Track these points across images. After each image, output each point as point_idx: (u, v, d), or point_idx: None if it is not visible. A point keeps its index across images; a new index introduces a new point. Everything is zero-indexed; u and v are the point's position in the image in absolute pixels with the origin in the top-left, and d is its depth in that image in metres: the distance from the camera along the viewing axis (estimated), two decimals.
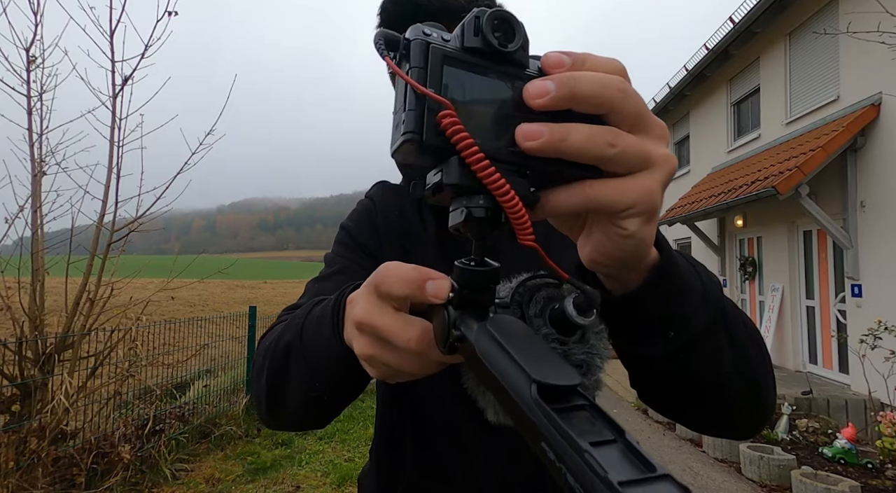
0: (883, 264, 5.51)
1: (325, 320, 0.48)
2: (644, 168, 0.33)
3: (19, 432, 3.06)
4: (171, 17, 3.75)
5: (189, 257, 4.27)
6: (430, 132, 0.30)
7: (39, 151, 3.64)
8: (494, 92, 0.32)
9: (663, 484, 0.21)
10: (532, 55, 0.34)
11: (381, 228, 0.78)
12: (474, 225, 0.32)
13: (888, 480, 3.76)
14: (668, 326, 0.42)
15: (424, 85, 0.30)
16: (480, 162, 0.29)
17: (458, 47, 0.32)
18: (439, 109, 0.30)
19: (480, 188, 0.30)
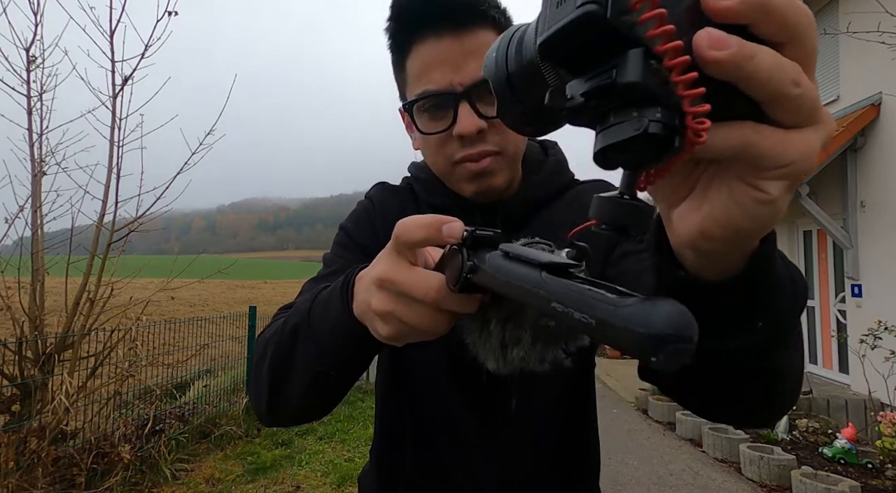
0: (883, 264, 5.51)
1: (333, 298, 0.49)
2: (812, 123, 0.28)
3: (19, 432, 3.06)
4: (171, 17, 3.75)
5: (189, 257, 4.27)
6: (617, 6, 0.23)
7: (39, 151, 3.64)
8: None
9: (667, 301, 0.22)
10: None
11: (379, 229, 0.76)
12: (647, 145, 0.25)
13: (888, 480, 3.76)
14: (758, 316, 0.37)
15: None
16: (680, 57, 0.23)
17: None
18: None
19: (662, 96, 0.24)
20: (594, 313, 0.24)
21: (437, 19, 0.63)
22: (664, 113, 0.24)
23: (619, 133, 0.25)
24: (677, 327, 0.22)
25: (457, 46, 0.63)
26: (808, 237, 7.20)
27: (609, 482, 3.92)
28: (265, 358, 0.56)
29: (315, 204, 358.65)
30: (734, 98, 0.26)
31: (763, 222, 0.30)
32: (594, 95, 0.25)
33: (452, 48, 0.64)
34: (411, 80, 0.68)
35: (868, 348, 4.64)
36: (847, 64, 6.21)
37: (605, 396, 6.82)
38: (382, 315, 0.41)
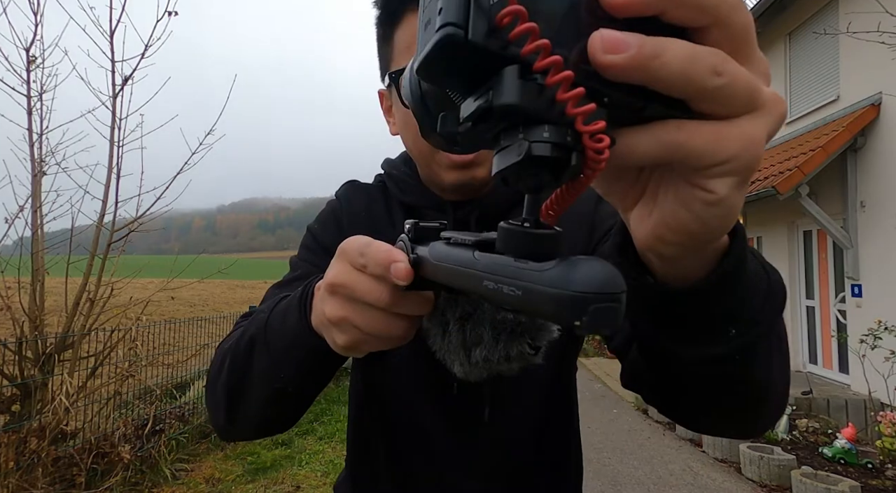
0: (883, 264, 5.51)
1: (291, 309, 0.48)
2: (750, 111, 0.24)
3: (19, 432, 3.06)
4: (171, 18, 3.75)
5: (189, 257, 4.27)
6: (479, 26, 0.20)
7: (39, 151, 3.64)
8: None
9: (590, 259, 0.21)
10: None
11: (345, 227, 0.74)
12: (536, 169, 0.22)
13: (888, 480, 3.76)
14: (730, 323, 0.35)
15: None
16: (561, 73, 0.20)
17: None
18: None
19: (548, 114, 0.21)
20: (519, 283, 0.22)
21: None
22: (553, 131, 0.22)
23: (507, 157, 0.23)
24: (600, 285, 0.20)
25: None
26: (808, 237, 7.20)
27: (609, 482, 3.92)
28: (222, 370, 0.55)
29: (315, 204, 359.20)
30: (650, 98, 0.23)
31: (716, 224, 0.27)
32: (477, 118, 0.23)
33: None
34: (398, 52, 0.65)
35: (868, 348, 4.64)
36: (847, 64, 6.20)
37: (605, 396, 6.82)
38: (337, 323, 0.40)
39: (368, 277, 0.38)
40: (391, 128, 0.74)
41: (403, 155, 0.80)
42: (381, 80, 0.73)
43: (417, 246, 0.34)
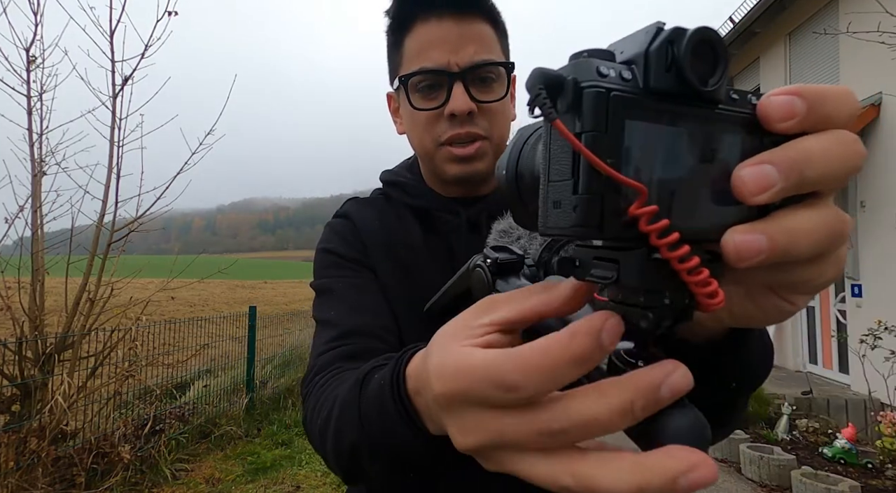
0: (883, 264, 5.51)
1: (386, 409, 0.39)
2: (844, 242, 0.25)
3: (19, 432, 3.06)
4: (171, 17, 3.75)
5: (189, 257, 4.27)
6: (612, 223, 0.23)
7: (39, 151, 3.64)
8: (686, 147, 0.24)
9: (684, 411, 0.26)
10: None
11: (366, 241, 0.74)
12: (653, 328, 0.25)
13: (888, 480, 3.76)
14: (734, 377, 0.39)
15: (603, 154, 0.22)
16: (688, 262, 0.23)
17: (641, 87, 0.23)
18: (625, 192, 0.22)
19: (670, 284, 0.24)
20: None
21: (442, 2, 0.66)
22: (672, 296, 0.24)
23: (631, 316, 0.25)
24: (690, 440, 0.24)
25: (456, 30, 0.65)
26: None
27: None
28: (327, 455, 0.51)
29: (314, 204, 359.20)
30: None
31: (777, 320, 0.29)
32: (601, 281, 0.26)
33: (452, 31, 0.65)
34: (408, 58, 0.69)
35: (868, 348, 4.64)
36: (847, 64, 6.21)
37: None
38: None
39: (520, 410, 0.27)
40: (398, 127, 0.77)
41: (404, 163, 0.83)
42: (390, 83, 0.75)
43: (498, 280, 0.33)
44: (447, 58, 0.65)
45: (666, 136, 0.23)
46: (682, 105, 0.23)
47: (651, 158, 0.23)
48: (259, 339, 5.76)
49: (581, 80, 0.23)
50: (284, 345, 6.72)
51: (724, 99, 0.24)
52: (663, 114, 0.23)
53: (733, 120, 0.24)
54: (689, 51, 0.22)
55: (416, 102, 0.68)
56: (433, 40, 0.66)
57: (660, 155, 0.23)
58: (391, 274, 0.71)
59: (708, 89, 0.23)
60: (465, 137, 0.67)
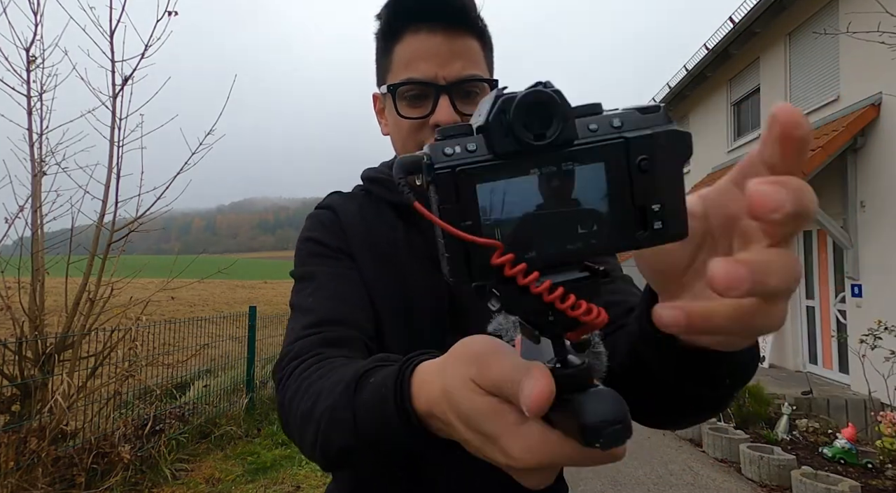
0: (883, 264, 5.51)
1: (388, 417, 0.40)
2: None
3: (19, 432, 3.06)
4: (171, 17, 3.75)
5: (189, 257, 4.27)
6: (479, 274, 0.28)
7: (39, 151, 3.64)
8: (543, 190, 0.28)
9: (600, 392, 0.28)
10: (586, 105, 0.30)
11: (349, 232, 0.75)
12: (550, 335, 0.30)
13: (888, 480, 3.75)
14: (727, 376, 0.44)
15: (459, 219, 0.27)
16: (553, 292, 0.27)
17: (488, 154, 0.27)
18: (485, 248, 0.27)
19: (549, 308, 0.28)
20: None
21: (434, 15, 0.68)
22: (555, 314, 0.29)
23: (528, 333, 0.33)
24: (608, 415, 0.27)
25: (446, 45, 0.68)
26: (808, 237, 7.20)
27: (609, 482, 3.92)
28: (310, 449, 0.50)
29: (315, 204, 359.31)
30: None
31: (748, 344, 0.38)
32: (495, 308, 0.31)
33: (442, 45, 0.68)
34: (396, 67, 0.70)
35: (868, 348, 4.64)
36: (847, 64, 6.20)
37: None
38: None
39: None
40: (383, 128, 0.80)
41: (386, 163, 0.85)
42: (377, 85, 0.77)
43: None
44: (435, 71, 0.67)
45: (519, 187, 0.27)
46: (529, 157, 0.27)
47: (510, 208, 0.27)
48: (259, 339, 5.76)
49: (434, 162, 0.27)
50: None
51: (579, 135, 0.28)
52: (511, 169, 0.27)
53: (591, 151, 0.28)
54: (519, 115, 0.27)
55: (402, 110, 0.70)
56: (423, 52, 0.68)
57: (518, 203, 0.27)
58: (371, 267, 0.72)
59: (546, 142, 0.27)
60: None
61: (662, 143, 0.29)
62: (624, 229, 0.29)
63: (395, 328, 0.70)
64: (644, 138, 0.29)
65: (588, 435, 0.26)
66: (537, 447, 0.30)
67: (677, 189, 0.30)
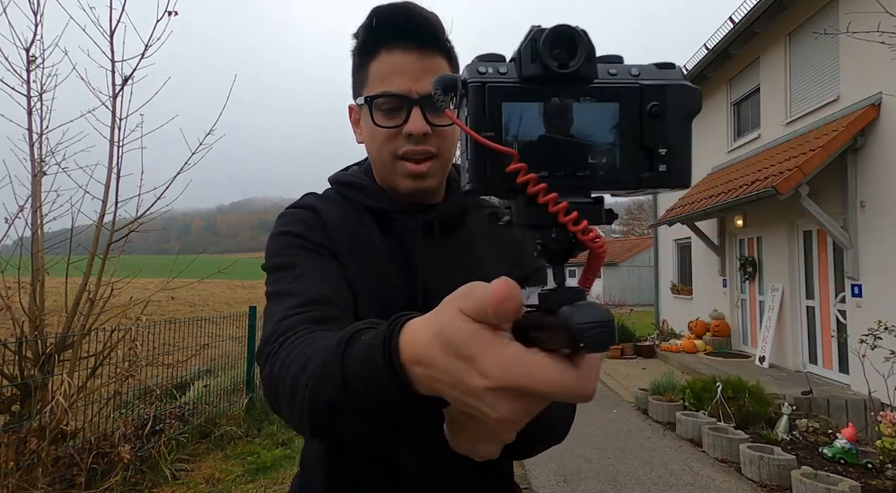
0: (883, 264, 5.51)
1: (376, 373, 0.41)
2: None
3: (19, 432, 3.06)
4: (171, 17, 3.74)
5: (189, 257, 4.26)
6: (496, 181, 0.31)
7: (39, 151, 3.64)
8: (559, 116, 0.31)
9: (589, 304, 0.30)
10: (609, 55, 0.34)
11: (333, 233, 0.78)
12: (551, 257, 0.33)
13: (888, 480, 3.75)
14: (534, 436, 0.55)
15: (484, 129, 0.30)
16: (557, 204, 0.30)
17: (517, 78, 0.31)
18: (503, 157, 0.30)
19: (553, 222, 0.31)
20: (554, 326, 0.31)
21: (408, 35, 0.74)
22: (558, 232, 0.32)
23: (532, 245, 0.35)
24: (594, 317, 0.28)
25: (419, 62, 0.74)
26: (808, 237, 7.20)
27: (609, 482, 3.92)
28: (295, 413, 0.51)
29: None
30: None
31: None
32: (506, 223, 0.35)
33: (415, 63, 0.74)
34: (373, 80, 0.76)
35: (868, 348, 4.64)
36: (847, 64, 6.21)
37: (605, 396, 6.82)
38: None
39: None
40: (357, 137, 0.84)
41: (356, 167, 0.91)
42: (353, 97, 0.83)
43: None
44: (409, 85, 0.74)
45: (538, 110, 0.31)
46: (553, 85, 0.31)
47: (529, 129, 0.31)
48: (259, 339, 5.76)
49: (467, 79, 0.31)
50: None
51: (600, 76, 0.32)
52: (535, 94, 0.31)
53: (608, 91, 0.32)
54: (547, 44, 0.30)
55: (378, 120, 0.76)
56: (397, 68, 0.74)
57: (535, 125, 0.31)
58: (355, 267, 0.76)
59: (569, 71, 0.30)
60: (419, 154, 0.75)
61: (674, 94, 0.33)
62: (631, 166, 0.32)
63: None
64: (657, 87, 0.32)
65: (575, 335, 0.28)
66: (514, 364, 0.31)
67: (684, 139, 0.33)
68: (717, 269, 9.65)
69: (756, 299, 8.60)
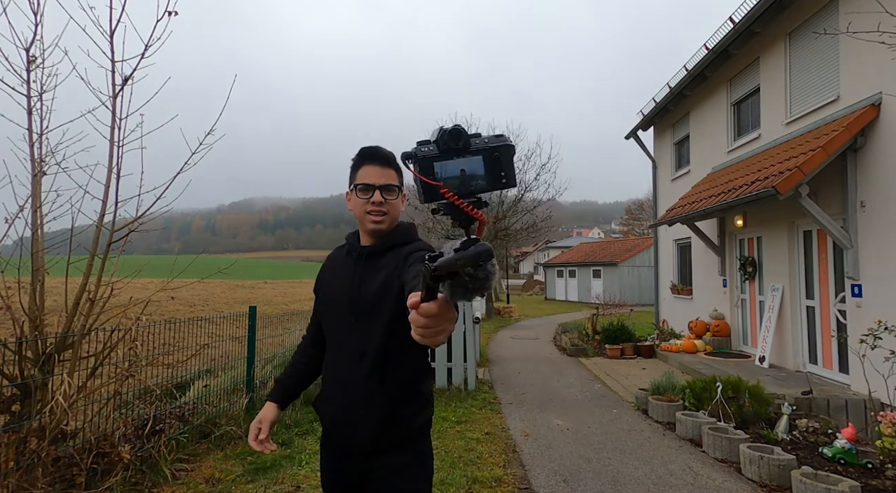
0: (883, 264, 5.51)
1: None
2: None
3: (19, 432, 3.06)
4: (171, 17, 3.74)
5: (189, 257, 4.26)
6: (433, 198, 0.61)
7: (39, 151, 3.63)
8: (460, 165, 0.64)
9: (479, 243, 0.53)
10: (474, 133, 0.66)
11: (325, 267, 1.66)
12: (464, 224, 0.60)
13: (888, 480, 3.75)
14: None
15: (427, 175, 0.62)
16: (460, 201, 0.60)
17: (437, 151, 0.63)
18: (437, 187, 0.61)
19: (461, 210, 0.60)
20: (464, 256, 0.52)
21: (375, 160, 1.48)
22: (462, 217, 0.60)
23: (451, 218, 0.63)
24: (486, 249, 0.52)
25: (380, 171, 1.47)
26: (808, 237, 7.20)
27: (609, 482, 3.92)
28: None
29: (313, 204, 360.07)
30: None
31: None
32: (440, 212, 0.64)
33: (379, 172, 1.47)
34: (359, 177, 1.48)
35: (868, 348, 4.64)
36: (847, 64, 6.21)
37: (605, 396, 6.82)
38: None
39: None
40: (349, 205, 1.53)
41: (353, 232, 1.62)
42: (348, 186, 1.53)
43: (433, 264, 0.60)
44: (375, 180, 1.46)
45: (451, 164, 0.62)
46: (453, 152, 0.62)
47: (448, 172, 0.62)
48: (259, 339, 5.76)
49: (416, 153, 0.62)
50: (284, 345, 6.71)
51: (474, 145, 0.64)
52: (446, 157, 0.62)
53: (477, 151, 0.64)
54: (445, 137, 0.62)
55: (359, 195, 1.48)
56: (370, 174, 1.47)
57: (451, 171, 0.62)
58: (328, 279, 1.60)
59: (459, 147, 0.63)
60: (377, 212, 1.47)
61: (504, 148, 0.65)
62: (492, 182, 0.65)
63: (331, 309, 1.55)
64: (498, 147, 0.65)
65: (479, 255, 0.52)
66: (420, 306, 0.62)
67: (511, 167, 0.66)
68: (717, 269, 9.65)
69: (756, 299, 8.60)
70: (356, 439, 1.41)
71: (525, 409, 6.14)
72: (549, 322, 17.93)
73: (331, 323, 1.52)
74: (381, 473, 1.40)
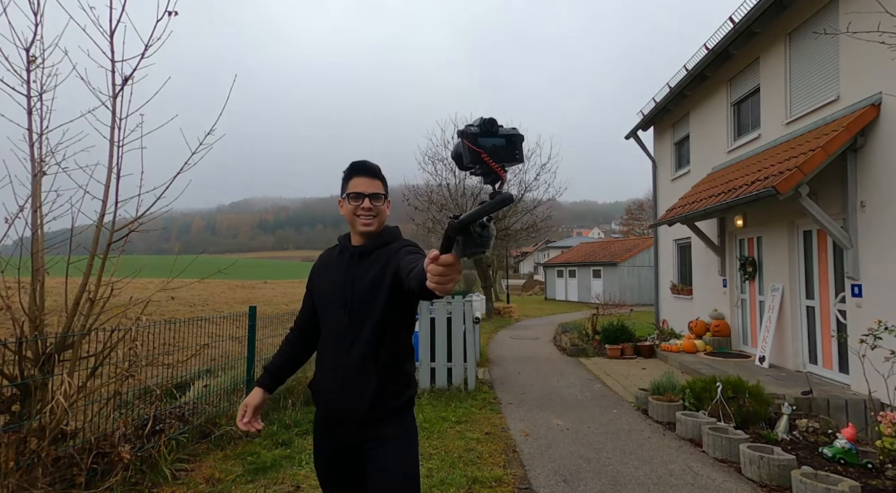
0: (883, 264, 5.51)
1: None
2: None
3: (19, 432, 3.06)
4: (171, 17, 3.74)
5: (189, 257, 4.26)
6: (475, 161, 0.84)
7: (39, 151, 3.63)
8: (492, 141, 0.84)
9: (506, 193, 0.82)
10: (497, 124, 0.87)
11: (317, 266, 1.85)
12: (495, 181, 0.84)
13: (888, 480, 3.75)
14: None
15: (473, 145, 0.83)
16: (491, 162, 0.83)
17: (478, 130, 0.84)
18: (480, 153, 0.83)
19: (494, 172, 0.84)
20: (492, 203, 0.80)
21: (364, 172, 1.70)
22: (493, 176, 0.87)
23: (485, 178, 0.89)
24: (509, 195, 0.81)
25: (368, 181, 1.69)
26: (808, 237, 7.20)
27: (609, 482, 3.92)
28: None
29: (313, 204, 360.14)
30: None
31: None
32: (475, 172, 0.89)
33: (367, 182, 1.69)
34: (350, 187, 1.69)
35: (868, 348, 4.64)
36: (847, 64, 6.21)
37: (605, 396, 6.82)
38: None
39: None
40: (341, 211, 1.73)
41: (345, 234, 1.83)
42: (341, 195, 1.74)
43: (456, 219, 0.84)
44: (364, 189, 1.68)
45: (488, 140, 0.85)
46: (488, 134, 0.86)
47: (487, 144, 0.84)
48: (259, 339, 5.75)
49: (467, 131, 0.85)
50: None
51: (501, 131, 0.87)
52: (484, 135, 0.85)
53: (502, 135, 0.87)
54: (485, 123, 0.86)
55: (350, 202, 1.68)
56: (360, 184, 1.68)
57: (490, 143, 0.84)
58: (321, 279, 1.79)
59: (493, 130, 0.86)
60: (367, 215, 1.68)
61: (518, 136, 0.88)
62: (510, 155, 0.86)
63: (327, 302, 1.72)
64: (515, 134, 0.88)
65: (503, 203, 0.79)
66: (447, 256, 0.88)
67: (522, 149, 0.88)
68: (717, 269, 9.65)
69: (756, 299, 8.60)
70: (351, 408, 1.60)
71: (525, 409, 6.14)
72: (549, 322, 17.93)
73: (327, 314, 1.70)
74: (373, 443, 1.59)
